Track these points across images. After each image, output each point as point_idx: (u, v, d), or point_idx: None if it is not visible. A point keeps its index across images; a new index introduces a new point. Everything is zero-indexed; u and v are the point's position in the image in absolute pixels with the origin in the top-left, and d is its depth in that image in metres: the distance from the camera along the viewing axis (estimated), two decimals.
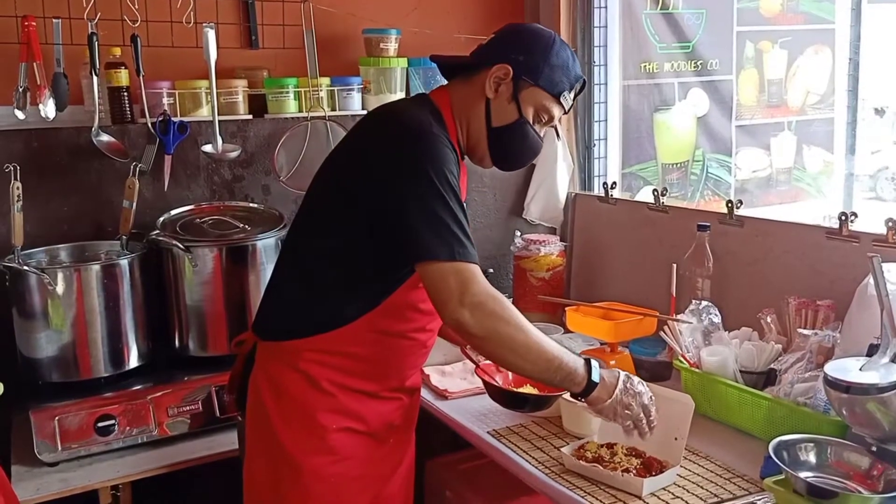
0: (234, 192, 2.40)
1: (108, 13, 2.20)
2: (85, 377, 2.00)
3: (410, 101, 1.72)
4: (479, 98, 1.58)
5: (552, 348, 1.44)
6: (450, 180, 1.43)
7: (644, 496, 1.46)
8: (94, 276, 1.98)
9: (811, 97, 3.35)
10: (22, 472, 1.84)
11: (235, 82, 2.36)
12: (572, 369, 1.45)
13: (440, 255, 1.39)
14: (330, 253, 1.53)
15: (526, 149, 1.62)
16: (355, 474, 1.58)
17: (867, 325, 1.58)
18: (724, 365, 1.78)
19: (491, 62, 1.56)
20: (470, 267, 1.40)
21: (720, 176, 3.14)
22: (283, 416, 1.55)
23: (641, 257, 2.40)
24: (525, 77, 1.55)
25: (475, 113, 1.59)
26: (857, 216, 1.82)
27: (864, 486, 1.40)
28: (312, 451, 1.54)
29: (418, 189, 1.42)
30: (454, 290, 1.39)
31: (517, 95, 1.56)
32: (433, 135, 1.48)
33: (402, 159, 1.45)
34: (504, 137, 1.59)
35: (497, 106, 1.57)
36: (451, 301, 1.39)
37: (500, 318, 1.40)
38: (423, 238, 1.40)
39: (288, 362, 1.55)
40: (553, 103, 1.58)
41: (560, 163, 2.72)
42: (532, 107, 1.58)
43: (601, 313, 2.05)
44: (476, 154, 1.64)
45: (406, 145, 1.46)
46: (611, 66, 2.78)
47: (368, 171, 1.48)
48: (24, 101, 2.10)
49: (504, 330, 1.40)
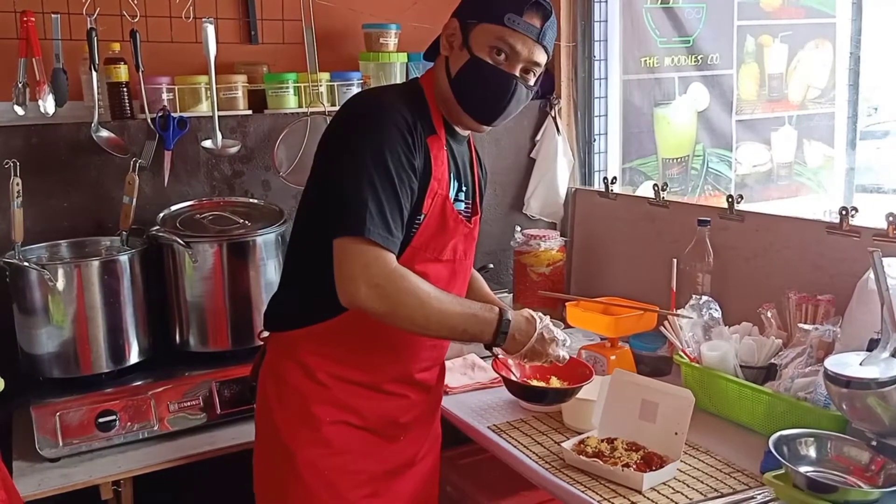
0: (234, 187, 2.40)
1: (107, 8, 2.19)
2: (86, 373, 2.00)
3: (393, 84, 1.73)
4: (442, 62, 1.57)
5: (455, 315, 1.46)
6: (384, 157, 1.42)
7: (644, 491, 1.46)
8: (95, 271, 1.98)
9: (812, 91, 3.34)
10: (23, 468, 1.84)
11: (235, 78, 2.36)
12: (478, 332, 1.49)
13: (350, 231, 1.40)
14: (321, 244, 1.52)
15: (490, 87, 1.51)
16: (352, 469, 1.58)
17: (867, 320, 1.58)
18: (724, 360, 1.78)
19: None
20: (375, 249, 1.40)
21: (720, 171, 3.14)
22: (282, 406, 1.57)
23: (642, 252, 2.40)
24: (469, 20, 1.51)
25: (440, 76, 1.56)
26: (857, 211, 1.82)
27: (865, 480, 1.40)
28: (308, 443, 1.55)
29: (346, 166, 1.43)
30: (355, 268, 1.39)
31: (467, 41, 1.51)
32: (382, 112, 1.47)
33: (342, 139, 1.47)
34: (462, 83, 1.53)
35: (453, 59, 1.54)
36: (349, 280, 1.40)
37: (395, 295, 1.40)
38: (339, 213, 1.42)
39: (288, 353, 1.57)
40: (504, 32, 1.48)
41: (560, 158, 2.72)
42: (485, 45, 1.50)
43: (601, 308, 2.05)
44: (455, 117, 1.58)
45: (350, 125, 1.48)
46: (611, 60, 2.78)
47: (323, 155, 1.53)
48: (24, 97, 2.10)
49: (401, 307, 1.41)
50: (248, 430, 1.96)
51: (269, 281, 2.15)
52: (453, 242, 1.60)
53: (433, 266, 1.56)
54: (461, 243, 1.62)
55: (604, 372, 1.90)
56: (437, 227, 1.55)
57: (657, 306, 1.99)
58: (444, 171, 1.55)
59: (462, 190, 1.63)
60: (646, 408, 1.61)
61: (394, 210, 1.43)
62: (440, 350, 1.70)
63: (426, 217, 1.53)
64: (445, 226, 1.56)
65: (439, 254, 1.57)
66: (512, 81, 1.52)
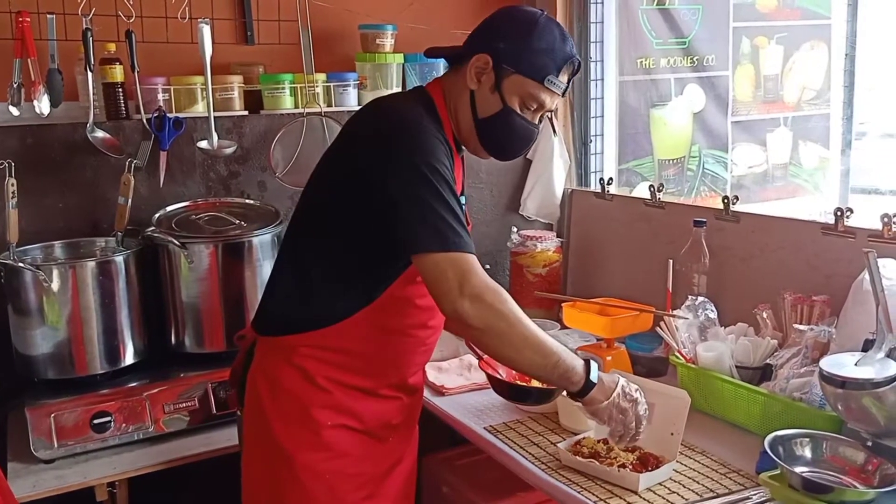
0: (229, 188, 2.40)
1: (102, 9, 2.19)
2: (81, 374, 1.99)
3: (404, 94, 1.70)
4: (465, 89, 1.55)
5: (550, 345, 1.43)
6: (440, 171, 1.41)
7: (640, 491, 1.46)
8: (90, 272, 1.98)
9: (807, 93, 3.35)
10: (18, 469, 1.84)
11: (231, 78, 2.36)
12: (569, 367, 1.44)
13: (435, 246, 1.37)
14: (326, 250, 1.53)
15: (516, 139, 1.57)
16: (351, 472, 1.57)
17: (862, 321, 1.58)
18: (719, 360, 1.78)
19: (473, 51, 1.52)
20: (467, 257, 1.38)
21: (716, 172, 3.15)
22: (278, 410, 1.55)
23: (638, 253, 2.40)
24: (505, 65, 1.50)
25: (462, 104, 1.56)
26: (852, 212, 1.82)
27: (860, 480, 1.40)
28: (307, 446, 1.53)
29: (409, 182, 1.40)
30: (452, 281, 1.37)
31: (500, 85, 1.51)
32: (422, 126, 1.46)
33: (391, 153, 1.43)
34: (491, 128, 1.55)
35: (481, 97, 1.53)
36: (450, 292, 1.37)
37: (499, 311, 1.38)
38: (417, 230, 1.39)
39: (284, 357, 1.55)
40: (539, 90, 1.52)
41: (556, 159, 2.72)
42: (517, 95, 1.52)
43: (597, 309, 2.05)
44: (469, 145, 1.61)
45: (394, 139, 1.44)
46: (607, 61, 2.78)
47: (360, 168, 1.47)
48: (19, 98, 2.10)
49: (502, 323, 1.38)
50: None
51: (265, 282, 2.10)
52: None
53: None
54: None
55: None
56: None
57: (653, 307, 1.99)
58: (459, 186, 1.57)
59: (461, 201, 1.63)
60: None
61: (461, 218, 1.42)
62: (429, 354, 1.70)
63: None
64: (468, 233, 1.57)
65: None
66: (535, 134, 1.59)
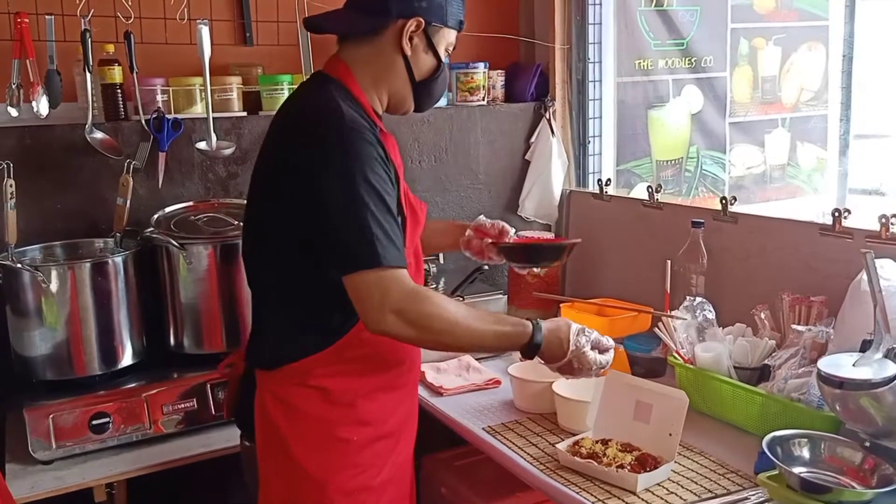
0: (228, 189, 2.39)
1: (101, 10, 2.19)
2: (79, 375, 1.99)
3: (312, 86, 1.56)
4: (394, 57, 1.52)
5: (484, 330, 1.44)
6: (370, 179, 1.38)
7: (638, 492, 1.46)
8: (88, 273, 1.98)
9: (805, 94, 3.36)
10: (16, 470, 1.84)
11: (230, 79, 2.36)
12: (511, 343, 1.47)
13: (364, 266, 1.36)
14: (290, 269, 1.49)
15: (445, 87, 1.65)
16: (376, 483, 1.55)
17: (860, 321, 1.58)
18: (718, 361, 1.79)
19: (395, 17, 1.48)
20: (390, 273, 1.37)
21: (714, 173, 3.15)
22: (299, 436, 1.49)
23: (636, 254, 2.41)
24: (434, 23, 1.51)
25: (394, 72, 1.53)
26: (850, 212, 1.83)
27: (858, 481, 1.40)
28: (335, 468, 1.49)
29: (339, 198, 1.37)
30: (375, 299, 1.36)
31: (431, 42, 1.52)
32: (349, 129, 1.40)
33: (326, 158, 1.39)
34: (431, 86, 1.57)
35: (416, 59, 1.53)
36: (372, 311, 1.37)
37: (423, 312, 1.38)
38: (346, 250, 1.38)
39: (299, 381, 1.50)
40: (456, 35, 1.58)
41: (555, 160, 2.73)
42: (444, 46, 1.56)
43: (596, 310, 2.05)
44: (400, 109, 1.60)
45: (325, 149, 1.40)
46: (605, 63, 2.78)
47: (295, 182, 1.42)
48: (18, 99, 2.09)
49: (428, 331, 1.39)
50: None
51: None
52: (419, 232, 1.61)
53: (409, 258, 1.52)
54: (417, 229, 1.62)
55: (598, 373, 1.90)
56: (412, 221, 1.55)
57: (651, 307, 1.99)
58: (399, 163, 1.55)
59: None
60: (640, 409, 1.61)
61: (394, 227, 1.40)
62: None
63: (405, 216, 1.51)
64: (416, 217, 1.57)
65: (411, 244, 1.55)
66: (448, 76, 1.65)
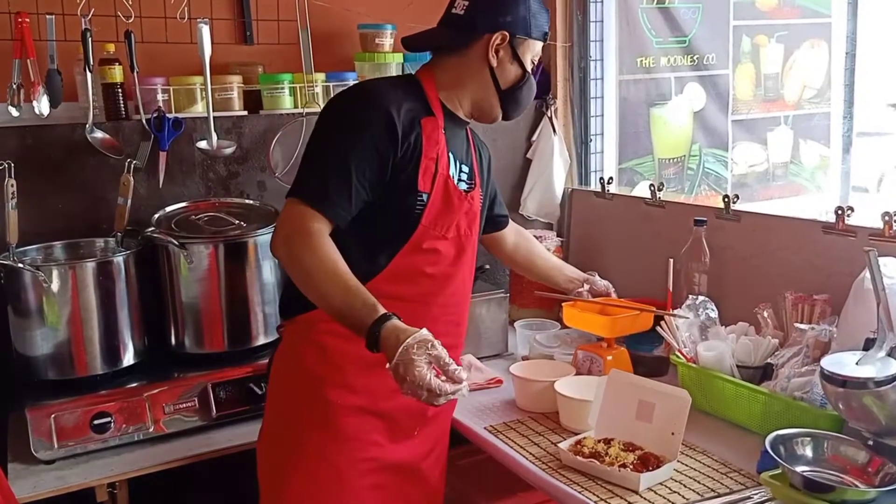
0: (229, 188, 2.39)
1: (101, 9, 2.18)
2: (81, 375, 1.99)
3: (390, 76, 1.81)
4: (481, 68, 1.64)
5: (333, 293, 1.43)
6: (343, 132, 1.52)
7: (641, 491, 1.46)
8: (90, 273, 1.98)
9: (808, 91, 3.35)
10: (19, 470, 1.84)
11: (230, 78, 2.35)
12: (353, 318, 1.39)
13: (289, 193, 1.53)
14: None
15: (532, 96, 1.74)
16: (360, 456, 1.58)
17: (863, 320, 1.58)
18: (720, 360, 1.78)
19: (482, 31, 1.62)
20: (300, 207, 1.49)
21: (717, 171, 3.14)
22: (294, 390, 1.60)
23: (638, 252, 2.40)
24: (519, 35, 1.63)
25: (480, 82, 1.65)
26: (853, 210, 1.82)
27: (861, 480, 1.40)
28: (316, 426, 1.56)
29: (312, 143, 1.57)
30: (280, 224, 1.51)
31: (517, 53, 1.64)
32: (357, 96, 1.60)
33: (319, 121, 1.60)
34: (516, 95, 1.68)
35: (501, 70, 1.65)
36: (274, 233, 1.52)
37: (290, 257, 1.48)
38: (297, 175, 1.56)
39: (304, 335, 1.60)
40: (541, 45, 1.70)
41: (557, 158, 2.72)
42: (529, 57, 1.68)
43: (598, 308, 2.04)
44: (489, 116, 1.72)
45: (331, 103, 1.63)
46: (607, 60, 2.78)
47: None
48: (18, 98, 2.09)
49: (291, 270, 1.49)
50: (244, 431, 1.97)
51: (264, 282, 2.14)
52: (457, 220, 1.64)
53: (442, 243, 1.62)
54: (464, 220, 1.66)
55: (600, 372, 1.90)
56: (442, 205, 1.60)
57: (654, 306, 1.99)
58: (443, 152, 1.61)
59: (463, 171, 1.69)
60: (642, 408, 1.61)
61: (340, 179, 1.50)
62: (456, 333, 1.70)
63: (431, 196, 1.57)
64: (450, 204, 1.62)
65: (445, 231, 1.62)
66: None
